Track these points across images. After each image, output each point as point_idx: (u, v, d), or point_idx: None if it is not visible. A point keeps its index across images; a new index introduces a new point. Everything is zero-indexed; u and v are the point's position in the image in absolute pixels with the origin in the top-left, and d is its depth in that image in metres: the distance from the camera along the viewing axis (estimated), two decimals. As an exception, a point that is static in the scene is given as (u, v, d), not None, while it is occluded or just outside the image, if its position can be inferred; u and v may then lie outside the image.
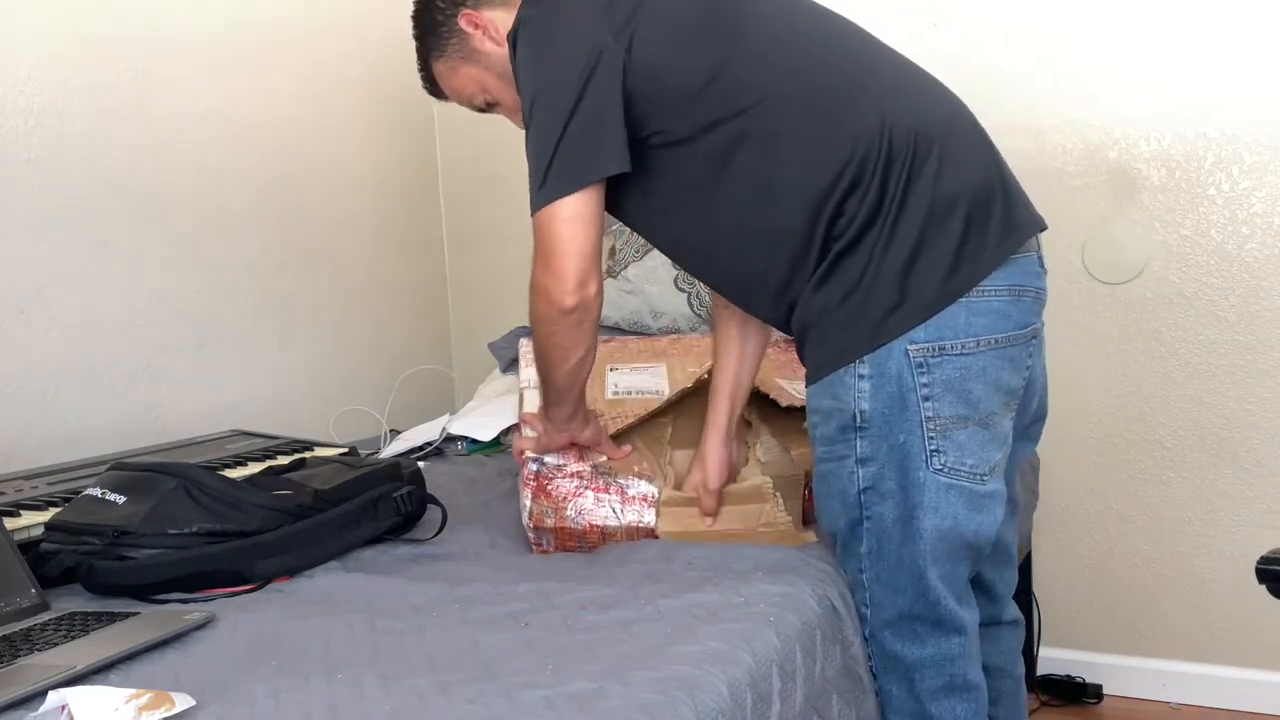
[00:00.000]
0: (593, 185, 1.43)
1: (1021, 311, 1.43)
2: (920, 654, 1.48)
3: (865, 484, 1.44)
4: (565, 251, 1.42)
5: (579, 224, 1.42)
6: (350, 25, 2.74)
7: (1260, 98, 2.26)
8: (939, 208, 1.40)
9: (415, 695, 1.10)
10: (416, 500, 1.73)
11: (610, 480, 1.67)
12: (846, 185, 1.40)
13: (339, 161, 2.72)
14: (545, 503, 1.66)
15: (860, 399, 1.41)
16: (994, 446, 1.44)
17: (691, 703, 1.07)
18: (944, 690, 1.49)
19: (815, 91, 1.43)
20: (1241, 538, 2.34)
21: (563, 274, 1.42)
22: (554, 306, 1.44)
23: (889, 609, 1.48)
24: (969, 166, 1.43)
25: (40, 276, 2.04)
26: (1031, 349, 1.47)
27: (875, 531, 1.45)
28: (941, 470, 1.41)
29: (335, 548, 1.60)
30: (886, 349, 1.40)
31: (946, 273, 1.39)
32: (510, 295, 2.94)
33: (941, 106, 1.48)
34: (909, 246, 1.39)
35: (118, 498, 1.52)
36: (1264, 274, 2.29)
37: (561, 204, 1.42)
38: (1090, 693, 2.44)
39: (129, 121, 2.20)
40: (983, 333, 1.40)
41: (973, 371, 1.40)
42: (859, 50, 1.50)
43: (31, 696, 1.09)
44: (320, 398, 2.61)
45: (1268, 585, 1.55)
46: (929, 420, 1.40)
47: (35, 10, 2.03)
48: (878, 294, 1.40)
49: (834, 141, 1.41)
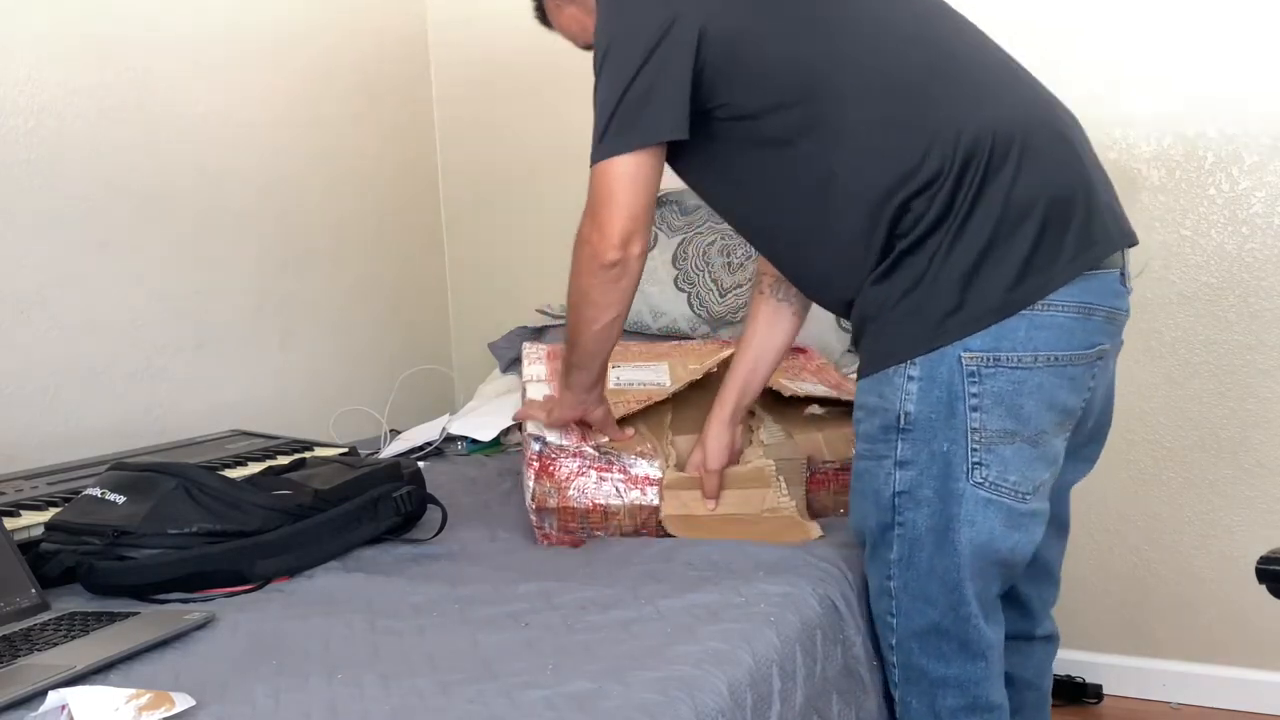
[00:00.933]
0: (651, 148, 1.43)
1: (1089, 330, 1.37)
2: (945, 672, 1.45)
3: (901, 488, 1.40)
4: (614, 206, 1.44)
5: (631, 182, 1.43)
6: (350, 25, 2.74)
7: (1260, 98, 2.26)
8: (1012, 214, 1.35)
9: (415, 695, 1.10)
10: (416, 500, 1.73)
11: (614, 459, 1.68)
12: (917, 186, 1.36)
13: (339, 161, 2.72)
14: (548, 483, 1.67)
15: (907, 400, 1.37)
16: (1041, 466, 1.39)
17: (691, 703, 1.07)
18: (964, 710, 1.46)
19: (891, 89, 1.39)
20: (1241, 538, 2.34)
21: (608, 228, 1.44)
22: (595, 259, 1.45)
23: (917, 620, 1.44)
24: (1049, 173, 1.37)
25: (40, 276, 2.04)
26: (1095, 370, 1.41)
27: (907, 539, 1.41)
28: (982, 484, 1.37)
29: (335, 548, 1.60)
30: (940, 353, 1.35)
31: (1012, 282, 1.34)
32: (510, 295, 2.95)
33: (1030, 108, 1.42)
34: (975, 251, 1.34)
35: (118, 498, 1.52)
36: (1264, 274, 2.29)
37: (616, 160, 1.44)
38: (1090, 693, 2.44)
39: (129, 121, 2.20)
40: (1043, 348, 1.35)
41: (1027, 387, 1.35)
42: (951, 44, 1.45)
43: (31, 696, 1.09)
44: (320, 398, 2.61)
45: (1268, 585, 1.54)
46: (974, 431, 1.36)
47: (35, 10, 2.03)
48: (938, 295, 1.36)
49: (901, 145, 1.37)
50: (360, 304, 2.79)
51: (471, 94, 2.98)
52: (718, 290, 2.43)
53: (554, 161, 2.89)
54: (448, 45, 3.00)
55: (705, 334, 2.42)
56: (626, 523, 1.67)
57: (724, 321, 2.40)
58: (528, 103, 2.91)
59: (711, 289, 2.43)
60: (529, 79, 2.90)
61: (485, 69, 2.95)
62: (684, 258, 2.48)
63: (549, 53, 2.88)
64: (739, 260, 2.43)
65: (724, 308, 2.41)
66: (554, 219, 2.90)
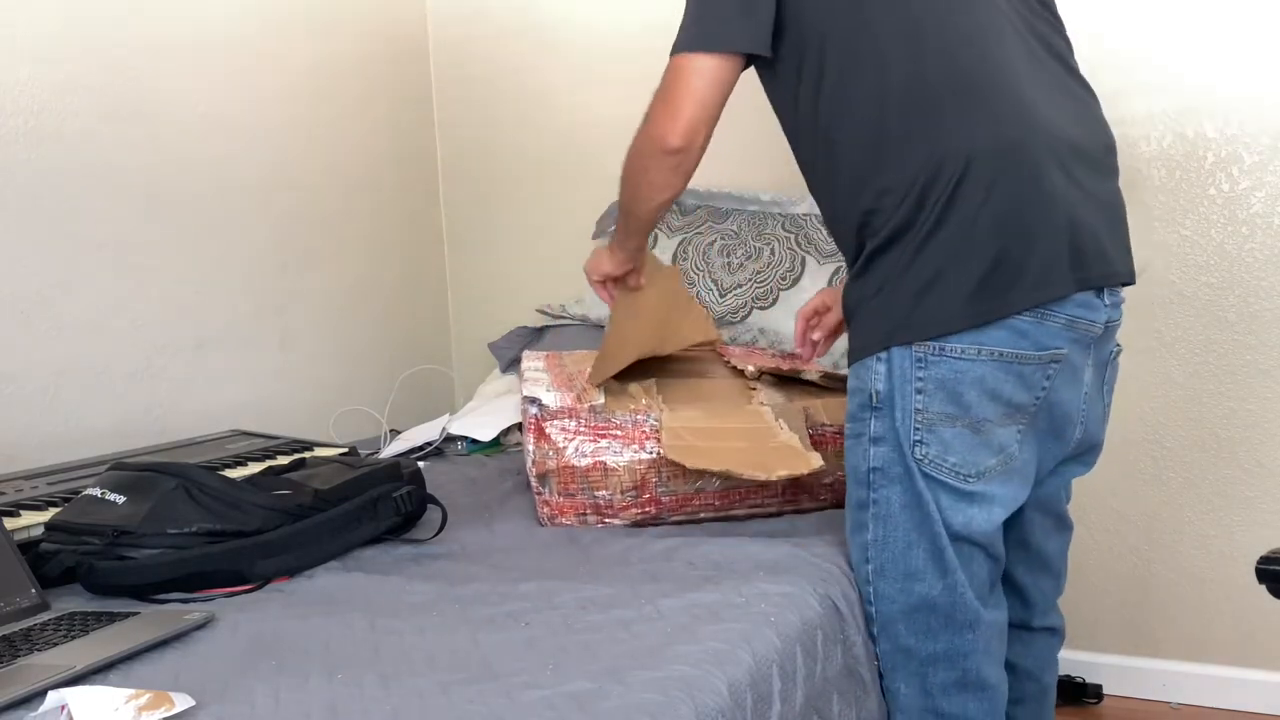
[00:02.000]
0: (730, 54, 1.47)
1: (1044, 334, 1.42)
2: (934, 648, 1.48)
3: (875, 464, 1.48)
4: (687, 96, 1.47)
5: (707, 80, 1.47)
6: (350, 25, 2.74)
7: (1260, 98, 2.26)
8: (976, 238, 1.39)
9: (415, 695, 1.10)
10: (416, 500, 1.73)
11: (610, 418, 1.69)
12: (890, 187, 1.43)
13: (339, 161, 2.72)
14: (546, 445, 1.68)
15: (877, 380, 1.46)
16: (985, 452, 1.45)
17: (691, 703, 1.07)
18: (956, 686, 1.48)
19: (908, 85, 1.43)
20: (1241, 538, 2.34)
21: (679, 114, 1.47)
22: (659, 143, 1.50)
23: (901, 599, 1.48)
24: (1028, 203, 1.39)
25: (40, 276, 2.04)
26: (1050, 371, 1.44)
27: (881, 517, 1.48)
28: (923, 460, 1.45)
29: (335, 548, 1.60)
30: (900, 346, 1.44)
31: (965, 302, 1.40)
32: (510, 295, 2.95)
33: (1048, 132, 1.42)
34: (933, 268, 1.40)
35: (117, 498, 1.52)
36: (1264, 274, 2.29)
37: (697, 57, 1.47)
38: (1090, 693, 2.44)
39: (129, 121, 2.20)
40: (987, 344, 1.41)
41: (968, 377, 1.42)
42: (1006, 54, 1.45)
43: (31, 696, 1.09)
44: (320, 398, 2.61)
45: (1268, 585, 1.54)
46: (918, 412, 1.44)
47: (35, 10, 2.03)
48: (899, 300, 1.43)
49: (888, 156, 1.43)
50: (360, 304, 2.79)
51: (471, 94, 2.98)
52: (718, 290, 2.43)
53: (554, 161, 2.89)
54: (448, 45, 3.00)
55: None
56: (626, 480, 1.68)
57: (724, 321, 2.40)
58: (528, 103, 2.91)
59: (711, 289, 2.43)
60: (529, 79, 2.90)
61: (485, 69, 2.95)
62: (684, 258, 2.48)
63: (550, 52, 2.90)
64: (739, 260, 2.43)
65: (724, 308, 2.41)
66: (554, 219, 2.91)
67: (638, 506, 1.71)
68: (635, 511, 1.71)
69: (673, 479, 1.70)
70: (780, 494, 1.75)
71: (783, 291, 2.36)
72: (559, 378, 1.81)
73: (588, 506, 1.71)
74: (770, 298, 2.37)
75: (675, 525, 1.73)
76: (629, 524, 1.72)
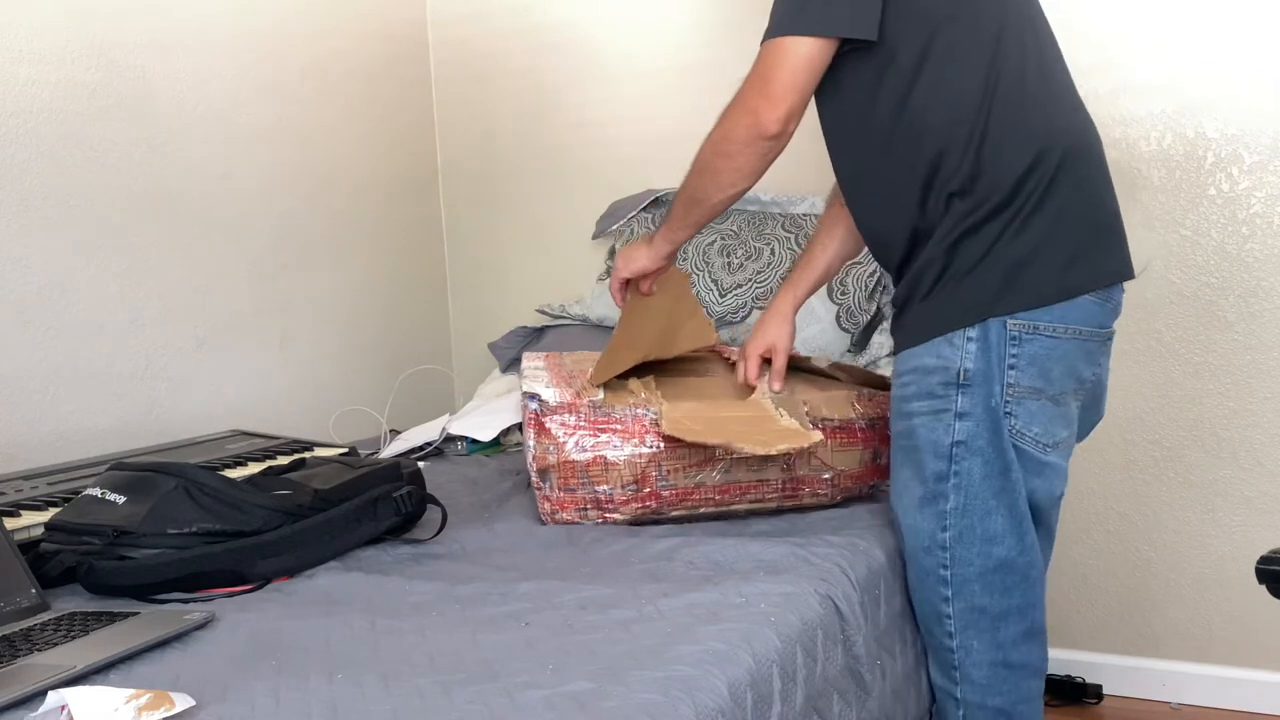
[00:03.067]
0: (835, 39, 1.48)
1: (1104, 315, 1.55)
2: (1007, 604, 1.57)
3: (960, 438, 1.53)
4: (789, 83, 1.48)
5: (809, 65, 1.48)
6: (350, 26, 2.74)
7: (1260, 98, 2.26)
8: (1069, 218, 1.50)
9: (415, 695, 1.10)
10: (416, 500, 1.73)
11: (609, 412, 1.70)
12: (988, 182, 1.49)
13: (339, 161, 2.72)
14: (546, 440, 1.68)
15: (967, 358, 1.51)
16: (1060, 423, 1.55)
17: (691, 703, 1.07)
18: (1024, 636, 1.58)
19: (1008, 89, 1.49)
20: (1241, 538, 2.34)
21: (780, 100, 1.48)
22: (756, 128, 1.50)
23: (979, 561, 1.55)
24: (1102, 188, 1.56)
25: (40, 276, 2.04)
26: (1106, 349, 1.59)
27: (962, 488, 1.54)
28: (1010, 431, 1.52)
29: (335, 548, 1.60)
30: (992, 320, 1.50)
31: (1058, 276, 1.50)
32: (510, 295, 2.95)
33: (1089, 126, 1.59)
34: (1031, 247, 1.48)
35: (117, 498, 1.52)
36: (1264, 274, 2.29)
37: (805, 41, 1.47)
38: (1090, 693, 2.44)
39: (129, 121, 2.20)
40: (1071, 323, 1.51)
41: (1056, 354, 1.51)
42: (1050, 51, 1.59)
43: (31, 696, 1.09)
44: (320, 398, 2.61)
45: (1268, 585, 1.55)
46: (1010, 386, 1.51)
47: (35, 10, 2.03)
48: (993, 275, 1.49)
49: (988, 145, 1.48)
50: (360, 304, 2.79)
51: (471, 94, 2.98)
52: (718, 290, 2.43)
53: (554, 161, 2.89)
54: (448, 45, 3.00)
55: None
56: (627, 475, 1.68)
57: (724, 321, 2.40)
58: (528, 102, 2.92)
59: (711, 289, 2.44)
60: (529, 78, 2.90)
61: (485, 68, 2.95)
62: (684, 257, 2.48)
63: (550, 52, 2.90)
64: (739, 260, 2.44)
65: (724, 308, 2.41)
66: (554, 219, 2.91)
67: (638, 501, 1.71)
68: (635, 506, 1.71)
69: (673, 473, 1.70)
70: (780, 489, 1.75)
71: (783, 291, 2.37)
72: (558, 376, 1.81)
73: (588, 501, 1.71)
74: (770, 298, 2.37)
75: (675, 525, 1.73)
76: (629, 519, 1.72)
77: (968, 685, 1.60)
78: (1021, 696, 1.60)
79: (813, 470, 1.75)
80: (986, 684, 1.59)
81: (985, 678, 1.58)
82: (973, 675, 1.59)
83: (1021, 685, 1.60)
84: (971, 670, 1.59)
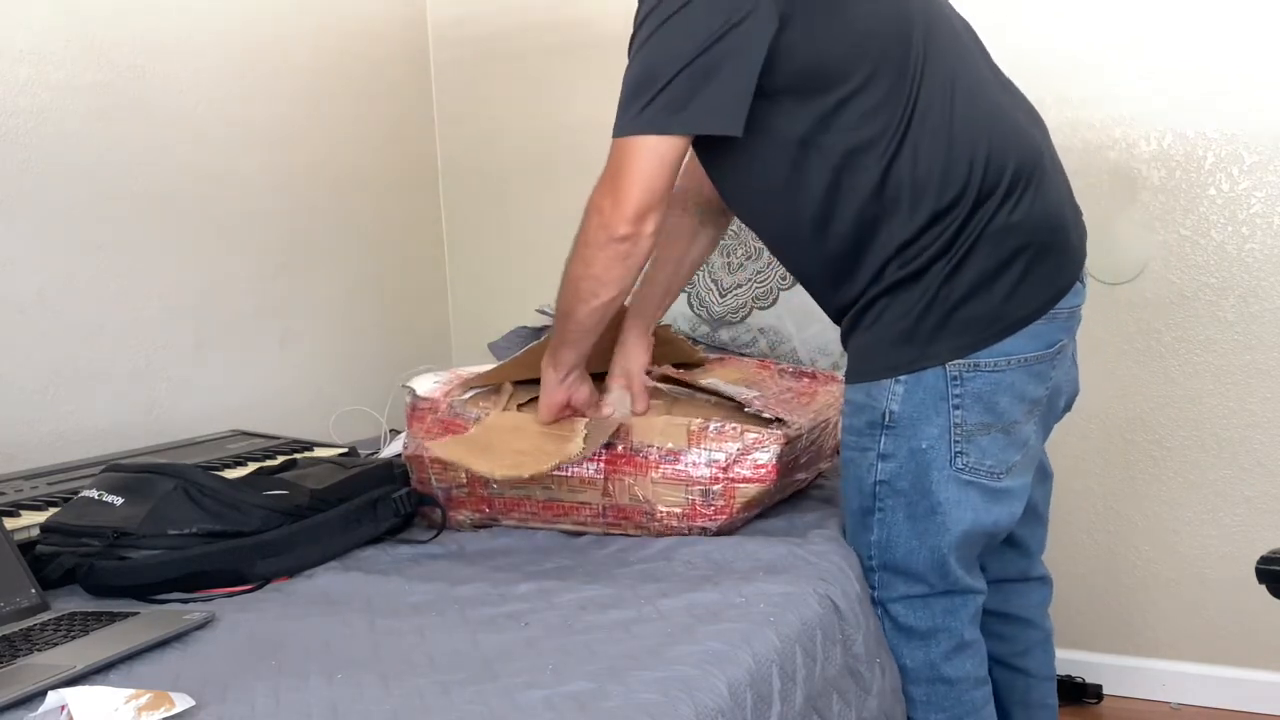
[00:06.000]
0: (689, 135, 1.38)
1: (1052, 331, 1.49)
2: (932, 622, 1.55)
3: (882, 478, 1.50)
4: (636, 180, 1.36)
5: (661, 163, 1.37)
6: (350, 25, 2.74)
7: (1260, 98, 2.26)
8: (1008, 246, 1.43)
9: (415, 695, 1.10)
10: (415, 501, 1.73)
11: (458, 414, 1.70)
12: (924, 221, 1.42)
13: (339, 161, 2.72)
14: (413, 434, 1.71)
15: (892, 400, 1.47)
16: (1012, 450, 1.51)
17: (691, 703, 1.07)
18: (954, 651, 1.56)
19: (933, 132, 1.42)
20: (1241, 538, 2.34)
21: (625, 199, 1.37)
22: (605, 230, 1.40)
23: (901, 589, 1.54)
24: (1047, 206, 1.47)
25: (40, 276, 2.04)
26: (1056, 363, 1.52)
27: (885, 524, 1.52)
28: (963, 469, 1.48)
29: (335, 548, 1.60)
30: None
31: (998, 308, 1.44)
32: (510, 295, 2.95)
33: (1034, 133, 1.51)
34: (968, 285, 1.43)
35: (115, 499, 1.51)
36: (1264, 274, 2.29)
37: (652, 139, 1.35)
38: (1090, 693, 2.44)
39: (129, 121, 2.20)
40: (1014, 352, 1.45)
41: (1001, 386, 1.46)
42: (979, 63, 1.52)
43: (31, 696, 1.09)
44: (320, 398, 2.60)
45: (1268, 585, 1.55)
46: (956, 426, 1.46)
47: (35, 10, 2.03)
48: (930, 321, 1.44)
49: (929, 182, 1.41)
50: (360, 304, 2.79)
51: (471, 94, 2.98)
52: (718, 290, 2.43)
53: (554, 161, 2.89)
54: (448, 44, 3.00)
55: (705, 334, 2.42)
56: (461, 476, 1.69)
57: (724, 321, 2.40)
58: (528, 102, 2.91)
59: (711, 289, 2.43)
60: (529, 78, 2.90)
61: (485, 68, 2.95)
62: (684, 258, 2.48)
63: (550, 52, 2.90)
64: (739, 260, 2.43)
65: (724, 308, 2.41)
66: (554, 219, 2.90)
67: (471, 505, 1.72)
68: (469, 510, 1.72)
69: (501, 482, 1.66)
70: (602, 514, 1.65)
71: (782, 292, 2.37)
72: (458, 376, 1.81)
73: (440, 497, 1.73)
74: (770, 298, 2.37)
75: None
76: (472, 522, 1.72)
77: (912, 705, 1.57)
78: (966, 709, 1.57)
79: (633, 501, 1.63)
80: (927, 700, 1.56)
81: (924, 694, 1.56)
82: (913, 695, 1.56)
83: (964, 698, 1.56)
84: (911, 689, 1.56)
